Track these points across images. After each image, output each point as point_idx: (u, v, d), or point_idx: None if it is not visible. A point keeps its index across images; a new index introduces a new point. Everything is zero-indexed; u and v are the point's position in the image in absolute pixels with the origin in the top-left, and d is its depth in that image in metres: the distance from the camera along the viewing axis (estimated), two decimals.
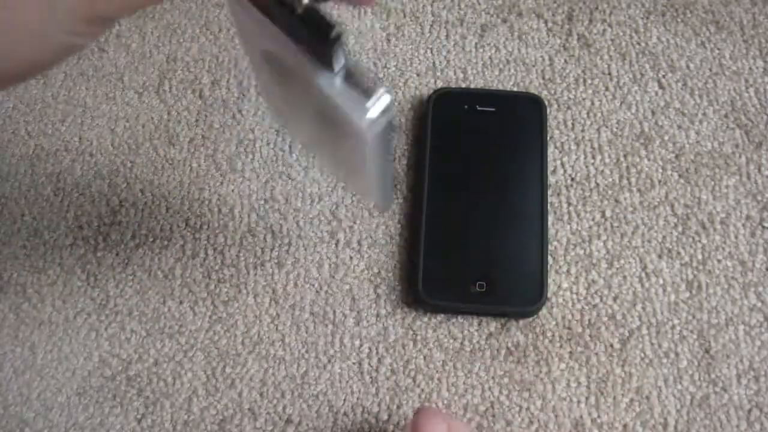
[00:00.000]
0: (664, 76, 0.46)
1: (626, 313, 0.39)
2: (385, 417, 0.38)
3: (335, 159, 0.31)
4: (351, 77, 0.23)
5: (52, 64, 0.23)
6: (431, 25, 0.48)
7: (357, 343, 0.39)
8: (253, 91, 0.46)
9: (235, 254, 0.42)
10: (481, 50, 0.47)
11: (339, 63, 0.22)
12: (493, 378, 0.38)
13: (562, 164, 0.43)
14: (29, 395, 0.39)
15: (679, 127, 0.44)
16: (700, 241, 0.41)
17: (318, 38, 0.22)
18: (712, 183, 0.42)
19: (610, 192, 0.42)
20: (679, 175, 0.43)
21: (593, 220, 0.42)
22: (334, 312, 0.40)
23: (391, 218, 0.42)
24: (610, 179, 0.43)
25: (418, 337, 0.39)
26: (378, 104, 0.22)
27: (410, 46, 0.47)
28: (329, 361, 0.39)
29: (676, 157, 0.43)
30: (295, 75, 0.24)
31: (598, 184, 0.43)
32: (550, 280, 0.40)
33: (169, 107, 0.46)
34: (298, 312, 0.40)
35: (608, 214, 0.42)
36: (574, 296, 0.40)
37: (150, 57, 0.48)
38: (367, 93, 0.22)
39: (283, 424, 0.38)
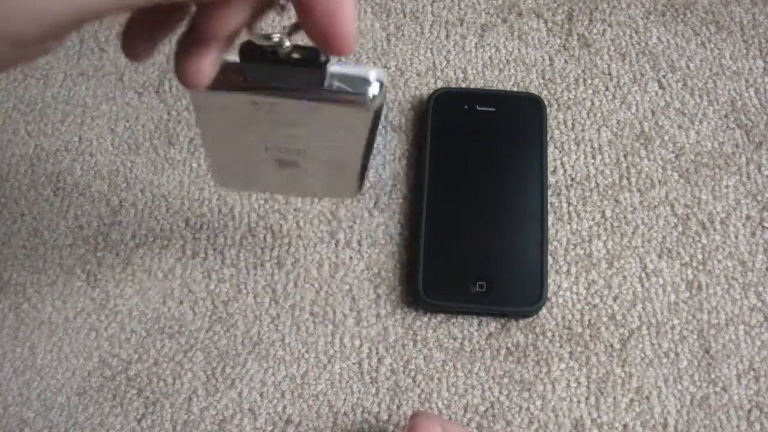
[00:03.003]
0: (664, 76, 0.46)
1: (626, 313, 0.39)
2: (385, 417, 0.38)
3: (315, 169, 0.33)
4: (340, 77, 0.25)
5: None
6: (431, 25, 0.48)
7: (357, 343, 0.39)
8: None
9: (235, 254, 0.42)
10: (481, 50, 0.47)
11: (328, 76, 0.25)
12: (493, 378, 0.38)
13: (562, 164, 0.43)
14: (29, 395, 0.39)
15: (679, 127, 0.44)
16: (700, 241, 0.41)
17: (310, 68, 0.24)
18: (712, 183, 0.42)
19: (610, 192, 0.42)
20: (679, 175, 0.43)
21: (593, 220, 0.42)
22: (334, 312, 0.40)
23: (391, 218, 0.42)
24: (610, 179, 0.43)
25: (418, 337, 0.39)
26: (375, 82, 0.25)
27: (410, 46, 0.47)
28: (329, 361, 0.39)
29: (676, 157, 0.43)
30: (277, 116, 0.27)
31: (598, 184, 0.43)
32: (550, 280, 0.40)
33: (169, 107, 0.46)
34: (298, 312, 0.40)
35: (608, 214, 0.42)
36: (574, 296, 0.40)
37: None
38: (362, 76, 0.25)
39: (283, 424, 0.38)
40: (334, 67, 0.25)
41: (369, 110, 0.26)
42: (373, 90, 0.25)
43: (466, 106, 0.44)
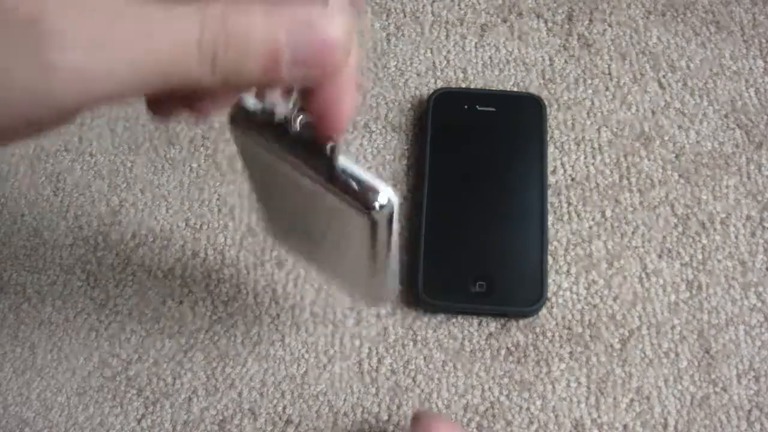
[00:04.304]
0: (664, 76, 0.46)
1: (626, 313, 0.39)
2: (385, 417, 0.38)
3: (335, 262, 0.33)
4: (350, 177, 0.24)
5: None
6: (431, 25, 0.48)
7: (357, 343, 0.39)
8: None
9: (235, 254, 0.42)
10: (481, 50, 0.47)
11: (338, 167, 0.24)
12: (493, 378, 0.38)
13: (562, 164, 0.43)
14: (29, 395, 0.39)
15: (679, 127, 0.44)
16: (700, 241, 0.41)
17: (316, 154, 0.24)
18: (712, 183, 0.42)
19: (610, 192, 0.42)
20: (679, 175, 0.43)
21: (593, 220, 0.42)
22: (334, 312, 0.40)
23: None
24: (610, 179, 0.43)
25: (418, 337, 0.39)
26: (381, 196, 0.24)
27: (410, 46, 0.47)
28: (329, 361, 0.39)
29: (676, 157, 0.43)
30: (296, 185, 0.26)
31: (598, 184, 0.43)
32: (550, 280, 0.40)
33: None
34: (298, 312, 0.40)
35: (608, 214, 0.42)
36: (574, 296, 0.40)
37: None
38: (369, 187, 0.24)
39: (283, 424, 0.38)
40: (348, 163, 0.24)
41: (371, 219, 0.25)
42: (381, 200, 0.24)
43: (466, 106, 0.44)
